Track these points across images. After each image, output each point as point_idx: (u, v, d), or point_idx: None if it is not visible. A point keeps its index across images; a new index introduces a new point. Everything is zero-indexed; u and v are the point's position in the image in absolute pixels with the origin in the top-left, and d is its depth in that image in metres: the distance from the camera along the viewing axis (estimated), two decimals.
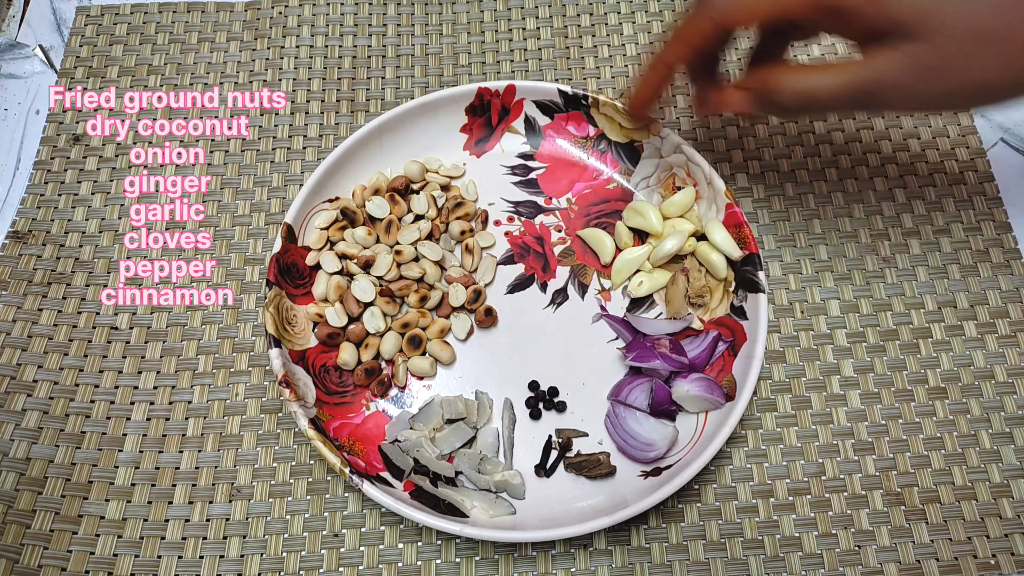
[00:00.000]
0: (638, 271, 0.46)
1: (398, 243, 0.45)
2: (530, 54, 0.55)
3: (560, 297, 0.46)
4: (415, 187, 0.48)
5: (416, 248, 0.45)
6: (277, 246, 0.43)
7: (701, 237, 0.46)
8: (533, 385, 0.44)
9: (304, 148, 0.52)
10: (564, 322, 0.45)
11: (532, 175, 0.49)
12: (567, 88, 0.48)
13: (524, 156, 0.50)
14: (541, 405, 0.43)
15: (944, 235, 0.49)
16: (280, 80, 0.54)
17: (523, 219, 0.48)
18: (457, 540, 0.41)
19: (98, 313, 0.46)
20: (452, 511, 0.39)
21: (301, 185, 0.50)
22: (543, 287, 0.46)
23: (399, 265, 0.45)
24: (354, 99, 0.53)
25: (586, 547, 0.40)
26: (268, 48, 0.55)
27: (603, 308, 0.46)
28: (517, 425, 0.43)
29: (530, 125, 0.50)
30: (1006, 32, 0.30)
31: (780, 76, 0.37)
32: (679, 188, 0.47)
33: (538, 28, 0.56)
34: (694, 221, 0.46)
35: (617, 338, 0.45)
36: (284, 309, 0.43)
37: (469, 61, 0.55)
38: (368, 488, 0.37)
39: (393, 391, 0.43)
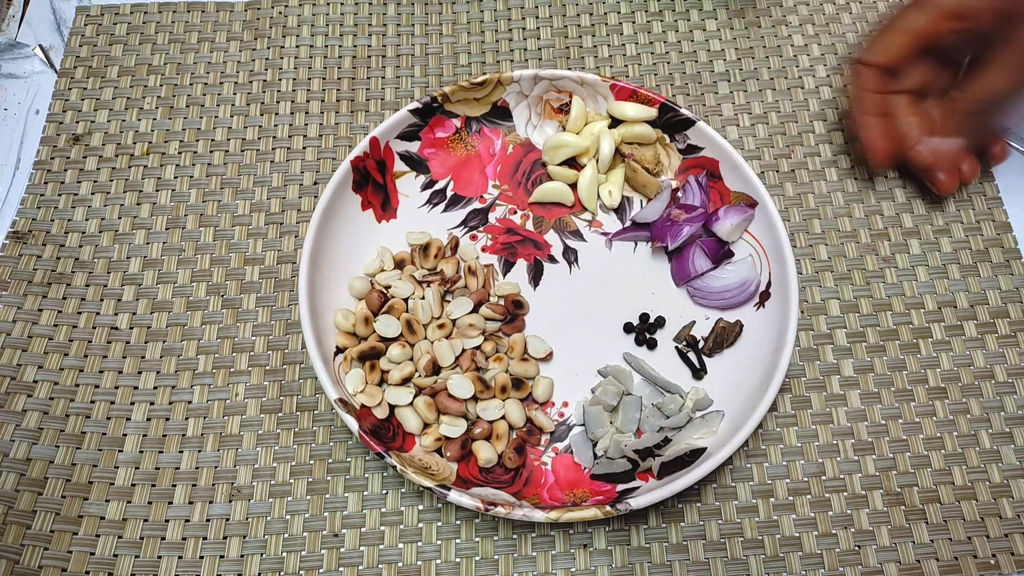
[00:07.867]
0: (600, 186, 0.49)
1: (434, 341, 0.43)
2: (530, 54, 0.55)
3: (570, 255, 0.47)
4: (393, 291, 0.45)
5: (451, 345, 0.43)
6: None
7: (615, 124, 0.49)
8: (628, 327, 0.45)
9: (304, 148, 0.52)
10: (592, 271, 0.47)
11: (449, 193, 0.49)
12: (415, 104, 0.47)
13: (426, 185, 0.49)
14: (647, 335, 0.45)
15: (944, 235, 0.49)
16: (280, 80, 0.54)
17: (481, 229, 0.48)
18: (457, 540, 0.41)
19: (98, 313, 0.46)
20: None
21: (297, 188, 0.50)
22: (551, 260, 0.47)
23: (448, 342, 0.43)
24: (354, 99, 0.53)
25: (586, 547, 0.40)
26: (268, 48, 0.55)
27: (605, 234, 0.48)
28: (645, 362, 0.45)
29: (409, 159, 0.49)
30: None
31: (975, 91, 0.43)
32: (561, 108, 0.49)
33: (538, 28, 0.56)
34: (599, 118, 0.49)
35: (640, 244, 0.48)
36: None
37: (469, 61, 0.55)
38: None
39: (543, 437, 0.42)
